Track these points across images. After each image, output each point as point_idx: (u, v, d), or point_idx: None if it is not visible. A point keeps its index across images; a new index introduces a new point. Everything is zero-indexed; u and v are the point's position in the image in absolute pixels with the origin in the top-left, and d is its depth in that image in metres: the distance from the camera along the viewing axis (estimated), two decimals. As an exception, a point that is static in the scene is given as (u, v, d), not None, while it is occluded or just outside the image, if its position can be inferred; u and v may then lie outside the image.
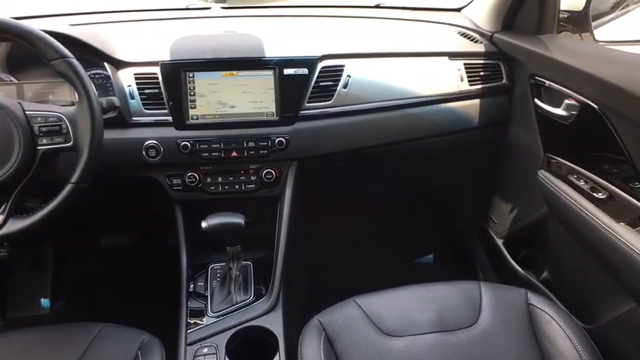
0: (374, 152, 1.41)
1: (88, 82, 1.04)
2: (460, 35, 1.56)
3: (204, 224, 1.19)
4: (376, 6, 1.80)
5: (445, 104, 1.42)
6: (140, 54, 1.30)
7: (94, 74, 1.26)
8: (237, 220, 1.19)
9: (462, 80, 1.42)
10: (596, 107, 1.07)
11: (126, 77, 1.27)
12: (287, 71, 1.28)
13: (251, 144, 1.29)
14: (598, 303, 1.18)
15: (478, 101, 1.45)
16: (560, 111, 1.20)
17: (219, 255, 1.33)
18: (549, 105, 1.26)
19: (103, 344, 1.06)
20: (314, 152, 1.35)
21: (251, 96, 1.29)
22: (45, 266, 1.87)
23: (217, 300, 1.27)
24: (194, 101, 1.27)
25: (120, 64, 1.28)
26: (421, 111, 1.40)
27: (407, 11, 1.75)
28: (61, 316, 1.81)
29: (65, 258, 1.90)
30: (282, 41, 1.36)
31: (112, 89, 1.25)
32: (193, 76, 1.26)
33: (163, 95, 1.26)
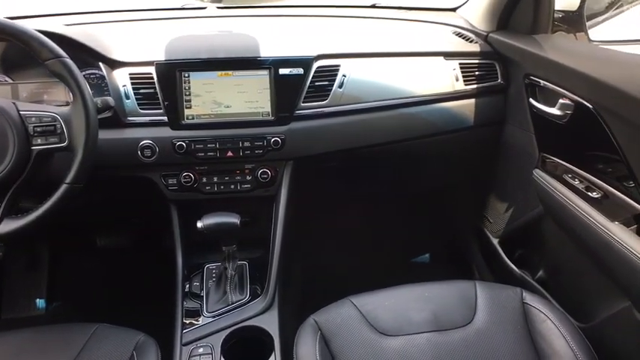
0: (369, 152, 1.41)
1: (83, 82, 1.04)
2: (455, 35, 1.56)
3: (199, 224, 1.19)
4: (372, 6, 1.80)
5: (440, 104, 1.42)
6: (135, 54, 1.30)
7: (89, 74, 1.26)
8: (232, 220, 1.19)
9: (458, 80, 1.43)
10: (590, 107, 1.07)
11: (121, 77, 1.26)
12: (282, 71, 1.28)
13: (246, 144, 1.29)
14: (593, 302, 1.18)
15: (473, 101, 1.45)
16: (554, 110, 1.20)
17: (214, 255, 1.33)
18: (544, 104, 1.27)
19: (98, 344, 1.06)
20: (309, 152, 1.35)
21: (246, 96, 1.28)
22: (40, 267, 1.87)
23: (213, 300, 1.27)
24: (189, 101, 1.27)
25: (115, 64, 1.28)
26: (416, 111, 1.40)
27: (402, 11, 1.75)
28: (57, 317, 1.80)
29: (60, 258, 1.90)
30: (277, 41, 1.36)
31: (107, 89, 1.24)
32: (189, 76, 1.26)
33: (158, 95, 1.26)
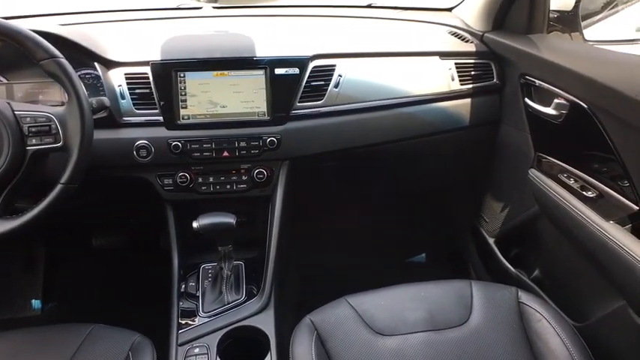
0: (365, 152, 1.41)
1: (78, 82, 1.04)
2: (451, 35, 1.57)
3: (195, 224, 1.18)
4: (368, 6, 1.81)
5: (436, 104, 1.42)
6: (131, 54, 1.30)
7: (84, 74, 1.25)
8: (228, 220, 1.19)
9: (453, 80, 1.43)
10: (585, 106, 1.08)
11: (116, 77, 1.26)
12: (278, 71, 1.28)
13: (242, 144, 1.29)
14: (588, 301, 1.19)
15: (469, 100, 1.45)
16: (550, 110, 1.20)
17: (210, 255, 1.33)
18: (539, 104, 1.27)
19: (94, 345, 1.06)
20: (305, 152, 1.35)
21: (242, 96, 1.28)
22: (36, 267, 1.86)
23: (209, 300, 1.27)
24: (185, 101, 1.27)
25: (110, 64, 1.28)
26: (412, 110, 1.40)
27: (398, 11, 1.75)
28: (53, 317, 1.80)
29: (56, 259, 1.89)
30: (273, 41, 1.36)
31: (103, 89, 1.24)
32: (184, 76, 1.26)
33: (154, 95, 1.26)
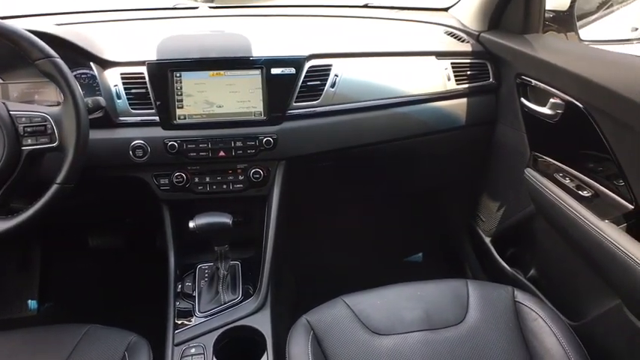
0: (362, 152, 1.41)
1: (73, 82, 1.03)
2: (447, 35, 1.57)
3: (191, 224, 1.18)
4: (364, 5, 1.81)
5: (432, 103, 1.42)
6: (127, 54, 1.29)
7: (80, 74, 1.25)
8: (224, 220, 1.19)
9: (449, 79, 1.43)
10: (581, 106, 1.08)
11: (112, 77, 1.26)
12: (274, 71, 1.28)
13: (239, 144, 1.29)
14: (584, 300, 1.19)
15: (465, 100, 1.45)
16: (545, 110, 1.21)
17: (207, 255, 1.33)
18: (535, 104, 1.27)
19: (90, 345, 1.05)
20: (302, 152, 1.35)
21: (238, 95, 1.28)
22: (32, 267, 1.86)
23: (205, 300, 1.27)
24: (181, 101, 1.26)
25: (106, 64, 1.27)
26: (409, 110, 1.40)
27: (394, 11, 1.75)
28: (49, 318, 1.79)
29: (52, 259, 1.89)
30: (269, 41, 1.36)
31: (99, 89, 1.24)
32: (180, 76, 1.26)
33: (150, 95, 1.25)
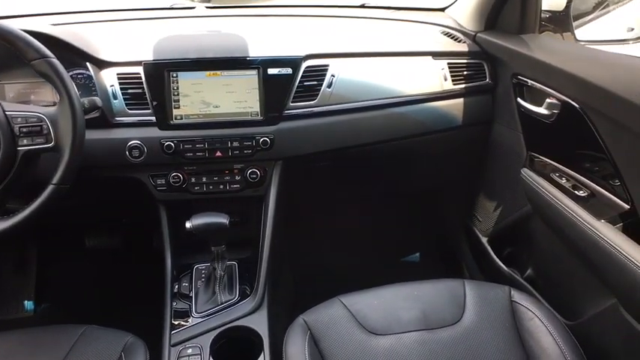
0: (359, 152, 1.42)
1: (69, 82, 1.03)
2: (444, 35, 1.57)
3: (188, 224, 1.18)
4: (361, 6, 1.81)
5: (429, 103, 1.42)
6: (123, 54, 1.29)
7: (76, 74, 1.25)
8: (221, 220, 1.19)
9: (446, 79, 1.43)
10: (577, 106, 1.08)
11: (108, 77, 1.26)
12: (271, 71, 1.28)
13: (235, 144, 1.29)
14: (580, 299, 1.19)
15: (462, 100, 1.46)
16: (542, 110, 1.21)
17: (203, 255, 1.32)
18: (532, 104, 1.28)
19: (86, 346, 1.05)
20: (298, 152, 1.35)
21: (235, 96, 1.28)
22: (28, 268, 1.85)
23: (202, 300, 1.26)
24: (178, 101, 1.26)
25: (102, 64, 1.27)
26: (405, 110, 1.41)
27: (391, 11, 1.76)
28: (45, 319, 1.79)
29: (49, 259, 1.88)
30: (266, 41, 1.36)
31: (95, 89, 1.24)
32: (177, 76, 1.26)
33: (147, 95, 1.25)
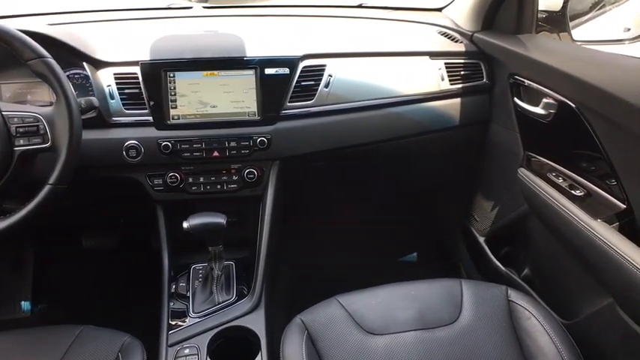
0: (356, 152, 1.42)
1: (66, 82, 1.03)
2: (441, 35, 1.57)
3: (185, 224, 1.18)
4: (358, 6, 1.81)
5: (426, 103, 1.42)
6: (120, 54, 1.29)
7: (73, 74, 1.24)
8: (218, 220, 1.19)
9: (443, 79, 1.43)
10: (573, 106, 1.08)
11: (105, 77, 1.26)
12: (268, 71, 1.28)
13: (232, 144, 1.29)
14: (577, 299, 1.20)
15: (459, 100, 1.46)
16: (539, 110, 1.21)
17: (201, 255, 1.32)
18: (528, 104, 1.28)
19: (83, 346, 1.05)
20: (296, 152, 1.35)
21: (232, 96, 1.28)
22: (25, 268, 1.84)
23: (199, 300, 1.26)
24: (175, 101, 1.26)
25: (99, 64, 1.27)
26: (402, 110, 1.41)
27: (388, 11, 1.76)
28: (42, 319, 1.78)
29: (46, 260, 1.88)
30: (263, 41, 1.36)
31: (92, 89, 1.23)
32: (174, 76, 1.25)
33: (144, 95, 1.25)
